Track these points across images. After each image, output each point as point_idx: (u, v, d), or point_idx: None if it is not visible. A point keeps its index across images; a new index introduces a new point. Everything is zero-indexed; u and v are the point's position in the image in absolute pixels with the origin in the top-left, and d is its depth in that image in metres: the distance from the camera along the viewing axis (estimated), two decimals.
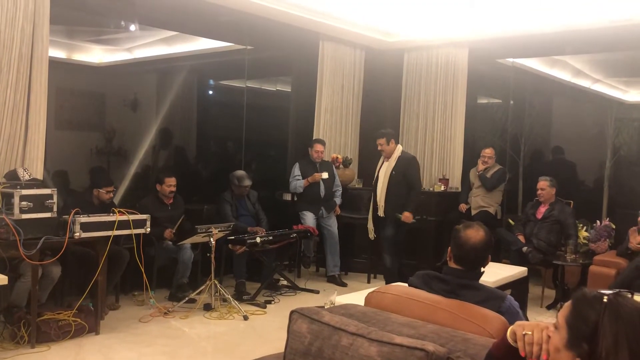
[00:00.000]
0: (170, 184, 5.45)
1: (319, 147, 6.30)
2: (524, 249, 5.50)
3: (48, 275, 4.33)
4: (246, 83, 7.31)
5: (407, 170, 5.64)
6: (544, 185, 5.66)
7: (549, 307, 5.50)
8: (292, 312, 2.17)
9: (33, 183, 4.00)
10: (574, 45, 6.24)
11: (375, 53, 7.11)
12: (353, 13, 6.20)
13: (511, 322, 1.72)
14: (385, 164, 5.72)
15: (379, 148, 5.71)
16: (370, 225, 5.97)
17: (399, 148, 5.74)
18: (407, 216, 5.60)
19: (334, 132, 6.86)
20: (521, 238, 5.65)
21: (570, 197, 5.94)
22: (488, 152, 6.40)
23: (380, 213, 5.67)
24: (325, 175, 6.18)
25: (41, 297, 4.33)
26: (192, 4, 5.28)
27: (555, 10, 5.65)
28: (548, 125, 7.53)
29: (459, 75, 6.85)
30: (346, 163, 6.78)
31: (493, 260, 2.51)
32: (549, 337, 1.41)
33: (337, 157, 6.66)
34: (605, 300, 1.32)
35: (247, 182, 5.91)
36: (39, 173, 4.34)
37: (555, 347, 1.37)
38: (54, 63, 4.70)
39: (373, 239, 6.01)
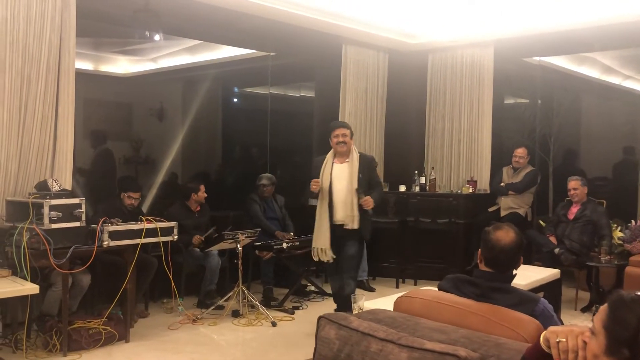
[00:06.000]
0: (203, 190, 5.58)
1: None
2: (556, 250, 5.38)
3: (78, 284, 4.39)
4: (270, 89, 7.34)
5: (371, 172, 4.67)
6: (577, 185, 5.54)
7: (583, 310, 5.36)
8: (319, 318, 2.14)
9: (62, 193, 4.06)
10: (602, 42, 6.11)
11: (399, 55, 7.06)
12: (375, 16, 6.17)
13: (545, 326, 1.67)
14: (342, 165, 4.60)
15: (341, 139, 4.54)
16: (325, 245, 4.56)
17: (354, 146, 4.71)
18: (368, 200, 4.48)
19: (359, 135, 6.81)
20: (552, 239, 5.53)
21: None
22: (520, 151, 6.29)
23: (354, 225, 4.50)
24: None
25: (72, 306, 4.39)
26: (214, 12, 5.31)
27: (582, 6, 5.53)
28: (577, 124, 7.37)
29: (485, 75, 6.76)
30: None
31: (525, 263, 2.45)
32: (584, 343, 1.35)
33: None
34: None
35: (264, 182, 5.97)
36: (67, 183, 4.40)
37: (593, 353, 1.32)
38: (81, 74, 4.77)
39: (331, 261, 4.63)
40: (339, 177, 4.57)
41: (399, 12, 6.13)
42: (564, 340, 1.38)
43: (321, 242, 4.57)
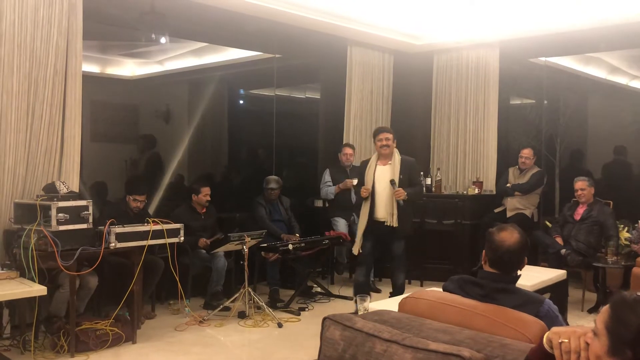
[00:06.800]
0: (206, 193, 5.55)
1: (347, 150, 6.31)
2: (563, 251, 5.37)
3: (85, 285, 4.41)
4: (275, 91, 7.36)
5: (411, 174, 5.00)
6: (584, 185, 5.52)
7: (590, 311, 5.34)
8: (324, 319, 2.14)
9: (70, 195, 4.09)
10: (608, 42, 6.09)
11: (404, 56, 7.06)
12: (380, 17, 6.17)
13: (550, 327, 1.66)
14: (384, 167, 4.96)
15: (384, 143, 4.88)
16: (359, 238, 5.05)
17: (396, 149, 5.04)
18: (400, 191, 4.79)
19: (364, 137, 6.83)
20: (559, 240, 5.52)
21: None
22: (526, 152, 6.28)
23: (394, 223, 4.85)
24: (356, 181, 6.14)
25: (79, 307, 4.41)
26: (220, 15, 5.34)
27: (588, 6, 5.51)
28: (584, 124, 7.34)
29: (491, 76, 6.76)
30: None
31: (531, 264, 2.44)
32: (587, 344, 1.35)
33: None
34: None
35: (272, 185, 5.96)
36: (75, 185, 4.43)
37: (595, 354, 1.32)
38: (88, 77, 4.81)
39: (357, 254, 5.13)
40: (381, 178, 4.95)
41: (404, 13, 6.13)
42: (567, 341, 1.39)
43: (358, 236, 5.08)
